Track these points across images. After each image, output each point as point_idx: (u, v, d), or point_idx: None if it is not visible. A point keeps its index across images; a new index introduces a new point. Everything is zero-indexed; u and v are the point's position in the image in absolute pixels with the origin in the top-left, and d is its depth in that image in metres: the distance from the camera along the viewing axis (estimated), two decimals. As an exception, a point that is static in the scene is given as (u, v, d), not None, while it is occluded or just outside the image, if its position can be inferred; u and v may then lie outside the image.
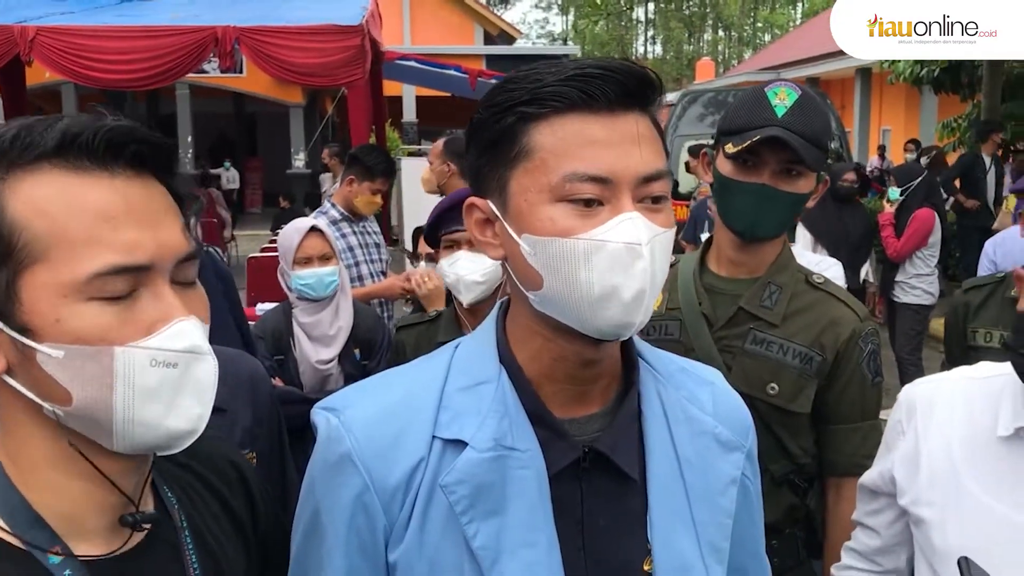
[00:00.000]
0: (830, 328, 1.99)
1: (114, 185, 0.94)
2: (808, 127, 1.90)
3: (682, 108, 12.08)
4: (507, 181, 1.06)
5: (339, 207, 4.56)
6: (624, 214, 1.02)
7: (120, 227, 0.93)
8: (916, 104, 18.48)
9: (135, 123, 0.98)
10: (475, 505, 1.07)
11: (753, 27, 54.80)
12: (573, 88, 1.02)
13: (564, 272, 1.03)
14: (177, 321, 0.95)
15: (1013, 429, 1.49)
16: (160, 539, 1.07)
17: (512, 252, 1.08)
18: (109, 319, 0.92)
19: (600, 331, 1.06)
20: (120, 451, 0.98)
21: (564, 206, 1.03)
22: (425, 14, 23.75)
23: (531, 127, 1.04)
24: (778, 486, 2.02)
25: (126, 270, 0.93)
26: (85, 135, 0.94)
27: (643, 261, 1.03)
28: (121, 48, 7.69)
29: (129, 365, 0.93)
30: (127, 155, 0.96)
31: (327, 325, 3.28)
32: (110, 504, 1.02)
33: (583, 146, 1.02)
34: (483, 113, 1.08)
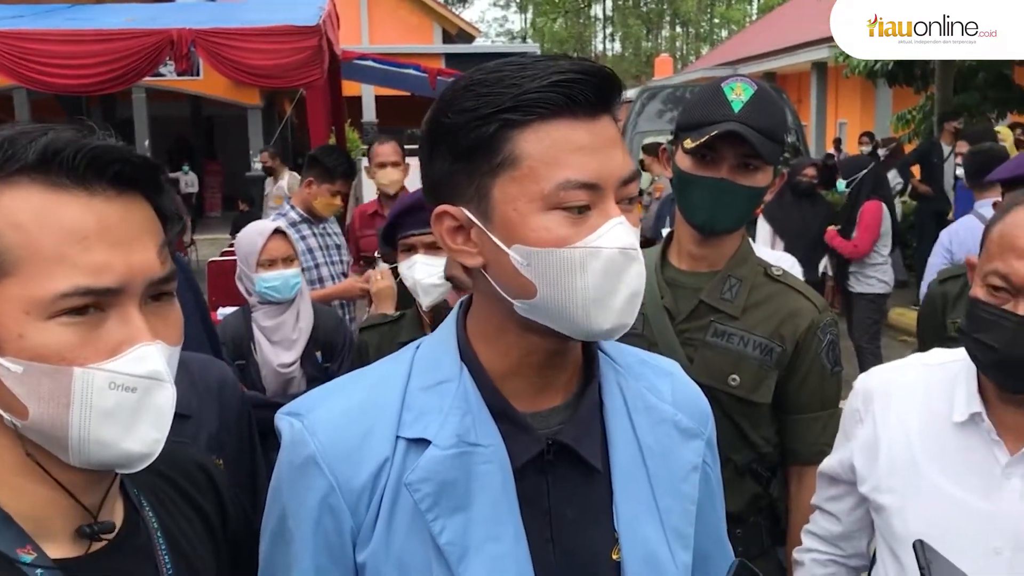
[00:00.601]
0: (789, 319, 2.02)
1: (91, 204, 0.94)
2: (764, 121, 1.93)
3: (641, 104, 12.12)
4: (489, 190, 1.05)
5: (298, 209, 4.54)
6: (613, 219, 1.03)
7: (91, 248, 0.92)
8: (871, 97, 18.72)
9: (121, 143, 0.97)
10: (440, 502, 1.07)
11: (710, 23, 55.21)
12: (557, 94, 1.01)
13: (561, 281, 1.03)
14: (140, 346, 0.95)
15: (967, 415, 1.52)
16: (133, 541, 1.07)
17: (497, 261, 1.07)
18: (71, 339, 0.92)
19: (592, 335, 1.07)
20: (77, 466, 0.98)
21: (557, 215, 1.02)
22: (383, 14, 23.64)
23: (515, 135, 1.02)
24: (741, 476, 2.05)
25: (92, 292, 0.92)
26: (67, 152, 0.93)
27: (638, 264, 1.05)
28: (74, 52, 7.56)
29: (87, 386, 0.93)
30: (109, 175, 0.95)
31: (289, 328, 3.26)
32: (74, 509, 1.02)
33: (571, 153, 1.02)
34: (455, 118, 1.04)
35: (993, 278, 1.42)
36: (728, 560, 1.36)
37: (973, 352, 1.48)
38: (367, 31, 23.17)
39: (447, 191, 1.09)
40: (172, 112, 19.48)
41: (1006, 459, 1.49)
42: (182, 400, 1.03)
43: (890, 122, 14.05)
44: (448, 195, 1.09)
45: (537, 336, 1.10)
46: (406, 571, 1.08)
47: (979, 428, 1.52)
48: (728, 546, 1.38)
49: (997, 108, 12.19)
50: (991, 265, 1.43)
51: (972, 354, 1.49)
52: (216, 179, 21.16)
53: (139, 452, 0.97)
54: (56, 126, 0.96)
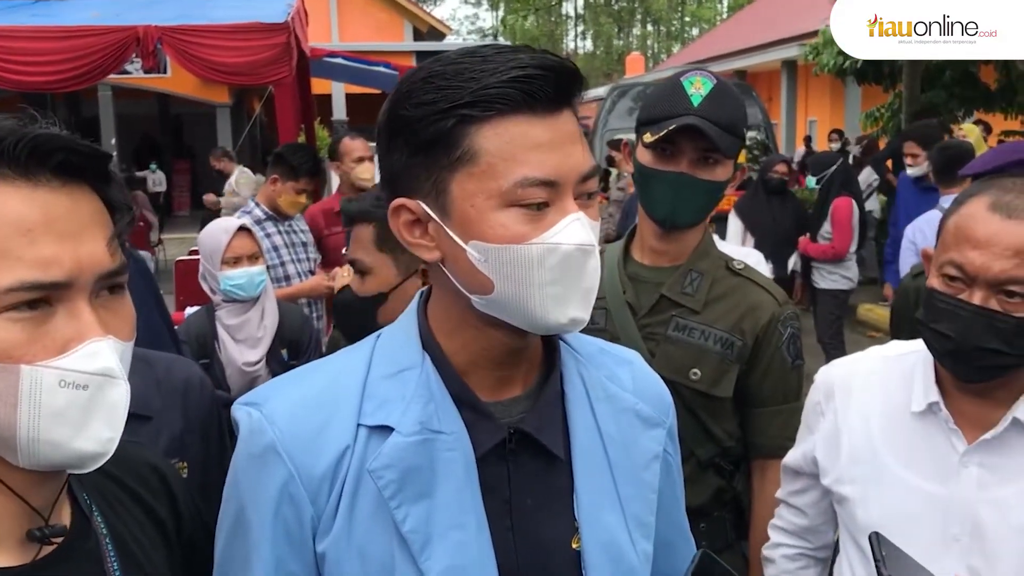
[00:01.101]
0: (750, 313, 2.03)
1: (35, 196, 0.91)
2: (723, 115, 1.93)
3: (611, 102, 12.17)
4: (447, 184, 1.04)
5: (263, 206, 4.50)
6: (571, 215, 1.03)
7: (37, 241, 0.89)
8: (840, 95, 18.88)
9: (63, 131, 0.94)
10: (403, 489, 1.07)
11: (681, 21, 55.43)
12: (516, 89, 1.00)
13: (518, 277, 1.03)
14: (91, 341, 0.92)
15: (925, 404, 1.54)
16: (79, 548, 1.04)
17: (454, 256, 1.07)
18: (18, 335, 0.89)
19: (549, 329, 1.08)
20: (26, 467, 0.95)
21: (515, 211, 1.02)
22: (353, 11, 23.53)
23: (473, 130, 1.02)
24: (704, 470, 2.05)
25: (39, 287, 0.89)
26: (7, 142, 0.90)
27: (594, 260, 1.05)
28: (38, 49, 7.46)
29: (36, 384, 0.90)
30: (53, 164, 0.92)
31: (254, 326, 3.23)
32: (21, 515, 0.99)
33: (530, 150, 1.02)
34: (411, 111, 1.03)
35: (949, 268, 1.43)
36: (691, 549, 1.37)
37: (930, 341, 1.49)
38: (337, 28, 23.05)
39: (404, 185, 1.08)
40: (139, 110, 19.29)
41: (963, 447, 1.51)
42: (144, 400, 1.00)
43: (859, 120, 14.17)
44: (406, 189, 1.08)
45: (496, 330, 1.10)
46: (368, 560, 1.07)
47: (937, 417, 1.53)
48: (690, 535, 1.39)
49: (963, 106, 12.32)
50: (947, 255, 1.44)
51: (929, 344, 1.50)
52: (184, 178, 20.95)
53: (92, 451, 0.95)
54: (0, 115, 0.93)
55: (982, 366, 1.43)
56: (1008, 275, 1.37)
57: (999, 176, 1.50)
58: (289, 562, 1.09)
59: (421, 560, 1.06)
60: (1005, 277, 1.37)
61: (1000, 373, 1.44)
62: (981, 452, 1.49)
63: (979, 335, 1.40)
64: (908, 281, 3.28)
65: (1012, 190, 1.42)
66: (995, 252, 1.38)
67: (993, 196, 1.42)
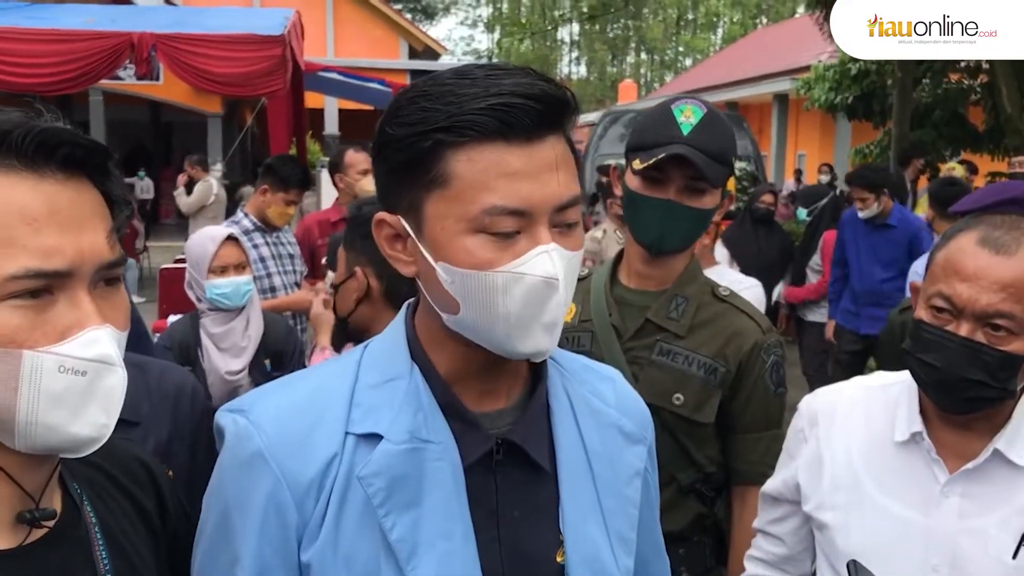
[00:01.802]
0: (733, 339, 2.03)
1: (40, 187, 0.93)
2: (712, 144, 1.94)
3: (603, 128, 12.21)
4: (422, 204, 1.05)
5: (252, 217, 4.50)
6: (541, 246, 1.03)
7: (41, 230, 0.92)
8: (831, 130, 19.04)
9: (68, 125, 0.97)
10: (392, 497, 1.07)
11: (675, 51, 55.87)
12: (491, 118, 1.00)
13: (482, 303, 1.04)
14: (91, 329, 0.94)
15: (909, 434, 1.56)
16: (69, 535, 1.05)
17: (427, 274, 1.08)
18: (20, 321, 0.91)
19: (514, 355, 1.09)
20: (21, 451, 0.96)
21: (482, 237, 1.02)
22: (350, 27, 23.63)
23: (447, 154, 1.02)
24: (685, 495, 2.05)
25: (42, 275, 0.92)
26: (16, 134, 0.92)
27: (559, 295, 1.04)
28: (31, 51, 7.48)
29: (36, 369, 0.92)
30: (58, 157, 0.95)
31: (238, 335, 3.22)
32: (11, 499, 1.00)
33: (501, 178, 1.01)
34: (395, 130, 1.05)
35: (937, 299, 1.45)
36: (665, 567, 1.38)
37: (916, 371, 1.51)
38: (333, 44, 23.13)
39: (388, 199, 1.11)
40: (130, 117, 19.26)
41: (945, 478, 1.52)
42: (132, 405, 1.02)
43: (848, 155, 14.30)
44: (389, 203, 1.11)
45: (472, 348, 1.11)
46: (353, 568, 1.07)
47: (920, 447, 1.55)
48: (665, 554, 1.39)
49: (951, 146, 12.47)
50: (935, 288, 1.46)
51: (915, 373, 1.52)
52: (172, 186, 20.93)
53: (87, 436, 0.97)
54: (2, 108, 0.95)
55: (967, 397, 1.44)
56: (995, 308, 1.39)
57: (988, 213, 1.53)
58: (274, 570, 1.08)
59: (408, 569, 1.06)
60: (992, 310, 1.40)
61: (984, 405, 1.46)
62: (962, 482, 1.51)
63: (965, 366, 1.42)
64: (895, 315, 3.31)
65: (1001, 226, 1.44)
66: (983, 286, 1.40)
67: (982, 232, 1.45)
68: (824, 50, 15.84)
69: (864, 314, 6.01)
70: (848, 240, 6.14)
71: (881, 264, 5.94)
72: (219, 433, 1.13)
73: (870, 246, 5.98)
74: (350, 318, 2.02)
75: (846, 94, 12.65)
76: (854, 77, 12.47)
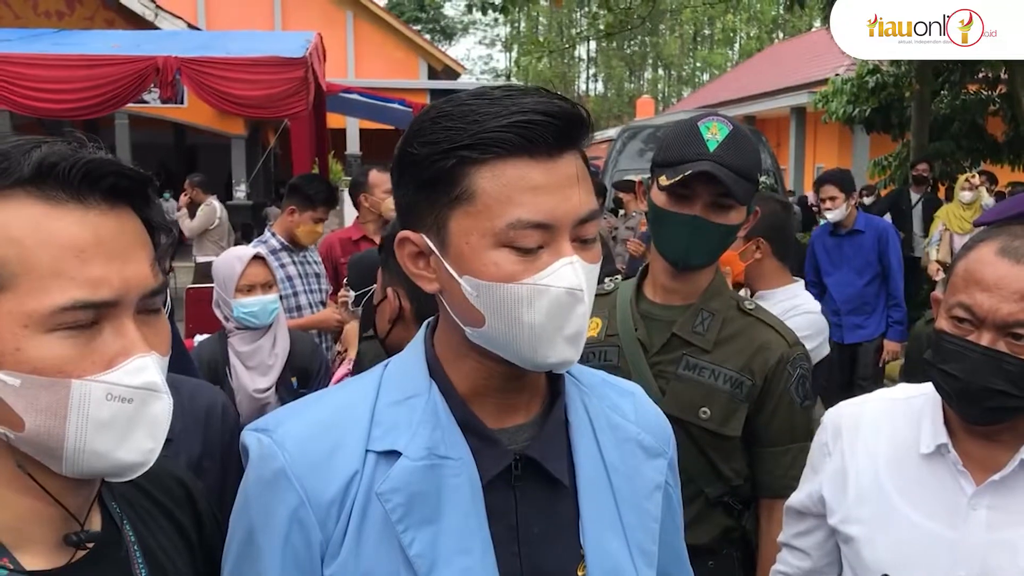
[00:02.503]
0: (759, 353, 2.05)
1: (86, 218, 0.94)
2: (738, 161, 1.96)
3: (622, 143, 12.23)
4: (446, 221, 1.08)
5: (279, 236, 4.54)
6: (564, 259, 1.05)
7: (88, 262, 0.93)
8: (848, 143, 18.94)
9: (112, 156, 0.98)
10: (411, 513, 1.08)
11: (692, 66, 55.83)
12: (514, 135, 1.03)
13: (507, 314, 1.06)
14: (137, 357, 0.96)
15: (934, 446, 1.55)
16: (108, 554, 1.07)
17: (451, 289, 1.10)
18: (69, 351, 0.93)
19: (539, 367, 1.10)
20: (68, 476, 0.98)
21: (507, 251, 1.05)
22: (370, 48, 23.78)
23: (472, 170, 1.05)
24: (713, 508, 2.06)
25: (91, 306, 0.93)
26: (62, 166, 0.93)
27: (583, 306, 1.07)
28: (59, 77, 7.57)
29: (85, 398, 0.93)
30: (103, 188, 0.96)
31: (266, 353, 3.26)
32: (56, 520, 1.02)
33: (525, 192, 1.04)
34: (418, 149, 1.07)
35: (958, 310, 1.46)
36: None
37: (939, 382, 1.51)
38: (353, 65, 23.29)
39: (410, 218, 1.13)
40: (155, 140, 19.43)
41: (972, 489, 1.51)
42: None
43: (867, 168, 14.23)
44: (411, 222, 1.12)
45: (493, 361, 1.13)
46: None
47: (945, 459, 1.54)
48: (689, 567, 1.40)
49: (971, 157, 12.39)
50: (956, 298, 1.47)
51: (938, 384, 1.52)
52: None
53: (133, 461, 0.98)
54: (47, 139, 0.97)
55: (990, 407, 1.44)
56: (1016, 318, 1.40)
57: (1009, 223, 1.53)
58: None
59: None
60: (1013, 320, 1.40)
61: (1008, 415, 1.46)
62: (990, 494, 1.50)
63: (987, 376, 1.42)
64: (921, 327, 3.29)
65: (1021, 236, 1.45)
66: (1003, 295, 1.41)
67: (1002, 242, 1.45)
68: (841, 63, 15.82)
69: (846, 324, 6.00)
70: (820, 255, 6.11)
71: (855, 271, 5.94)
72: (244, 452, 1.15)
73: (842, 255, 5.98)
74: (386, 339, 2.04)
75: (864, 106, 12.59)
76: (872, 90, 12.42)
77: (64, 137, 0.99)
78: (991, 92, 12.33)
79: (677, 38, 53.52)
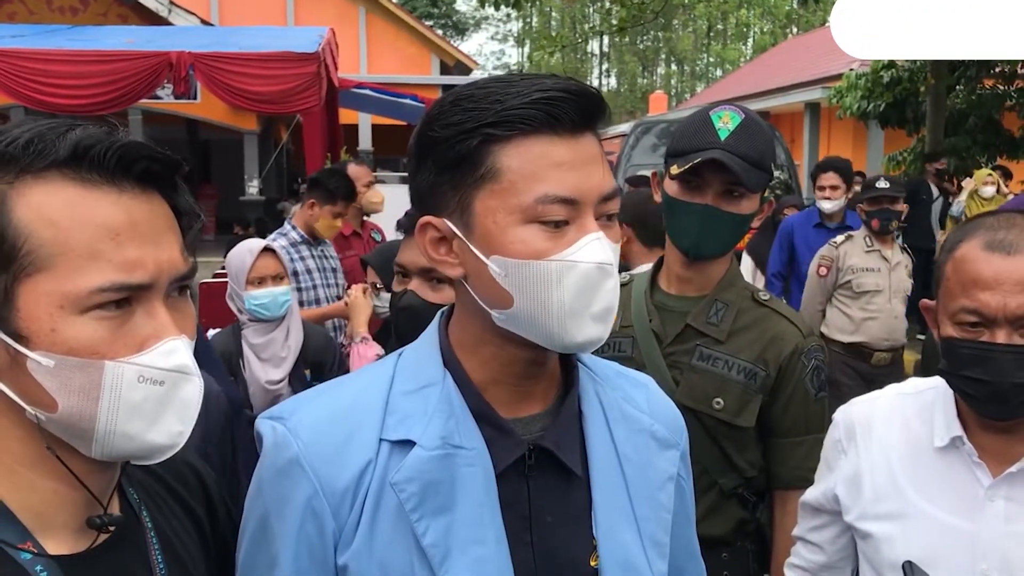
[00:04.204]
0: (773, 344, 2.04)
1: (121, 201, 0.95)
2: (750, 150, 1.95)
3: (635, 138, 12.18)
4: (471, 202, 1.07)
5: (299, 230, 4.57)
6: (591, 234, 1.06)
7: (124, 244, 0.94)
8: (863, 138, 18.86)
9: (144, 141, 0.99)
10: (424, 502, 1.09)
11: (705, 62, 55.68)
12: (539, 111, 1.04)
13: (537, 292, 1.06)
14: (168, 340, 0.97)
15: (948, 439, 1.54)
16: (127, 539, 1.07)
17: (476, 271, 1.10)
18: (103, 333, 0.93)
19: (567, 347, 1.10)
20: (96, 458, 0.98)
21: (535, 228, 1.05)
22: (382, 44, 23.79)
23: (496, 149, 1.05)
24: (727, 499, 2.06)
25: (125, 288, 0.94)
26: (98, 148, 0.94)
27: (612, 280, 1.07)
28: (74, 72, 7.61)
29: (117, 379, 0.94)
30: (136, 171, 0.97)
31: (279, 346, 3.27)
32: (79, 504, 1.02)
33: (551, 168, 1.05)
34: (440, 132, 1.07)
35: (963, 315, 1.43)
36: (701, 572, 1.39)
37: (962, 389, 1.48)
38: (366, 60, 23.31)
39: (431, 203, 1.12)
40: (168, 135, 19.44)
41: (988, 481, 1.50)
42: None
43: (882, 163, 14.18)
44: (432, 207, 1.12)
45: (515, 347, 1.12)
46: (388, 572, 1.09)
47: (960, 452, 1.54)
48: (700, 559, 1.40)
49: (986, 152, 12.33)
50: (958, 303, 1.44)
51: (962, 391, 1.49)
52: (210, 202, 21.13)
53: (162, 444, 0.99)
54: (79, 122, 0.97)
55: (1022, 402, 1.42)
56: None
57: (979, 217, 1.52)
58: (310, 574, 1.11)
59: (440, 574, 1.07)
60: (1023, 312, 1.39)
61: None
62: (1007, 485, 1.49)
63: (1014, 372, 1.39)
64: None
65: (1000, 228, 1.43)
66: (1007, 289, 1.39)
67: (984, 236, 1.43)
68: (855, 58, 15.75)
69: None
70: (800, 247, 5.83)
71: None
72: (258, 439, 1.15)
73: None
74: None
75: (878, 102, 12.55)
76: (887, 84, 12.37)
77: (96, 121, 1.00)
78: (1007, 87, 12.27)
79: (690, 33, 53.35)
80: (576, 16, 46.58)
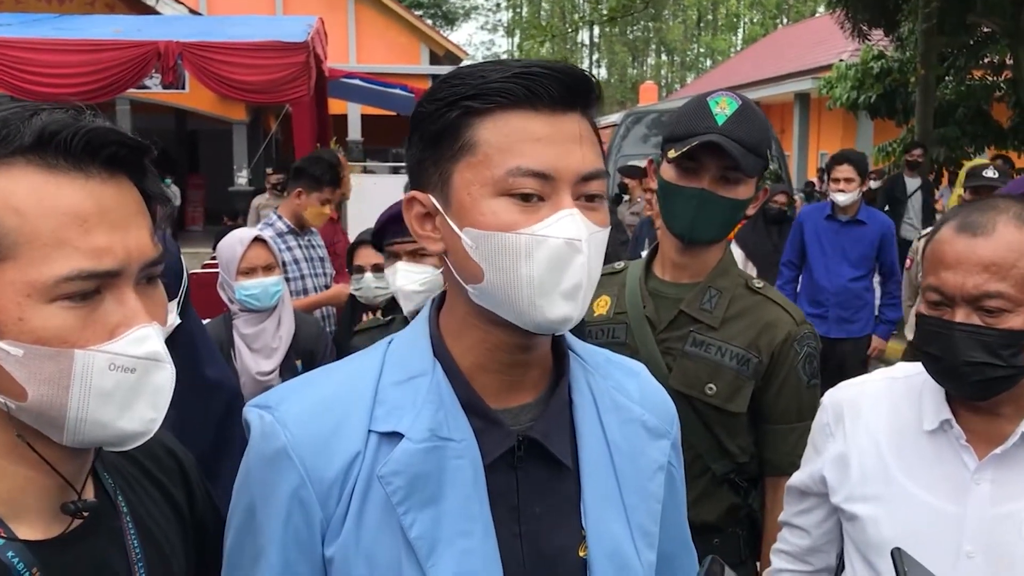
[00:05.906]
0: (766, 331, 2.05)
1: (88, 187, 0.93)
2: (747, 135, 1.96)
3: (625, 128, 12.20)
4: (450, 175, 1.08)
5: (285, 219, 4.54)
6: (564, 210, 1.05)
7: (91, 231, 0.92)
8: (853, 129, 18.93)
9: (112, 124, 0.97)
10: (411, 495, 1.08)
11: (696, 52, 55.70)
12: (518, 85, 1.04)
13: (505, 266, 1.05)
14: (139, 327, 0.96)
15: (937, 422, 1.56)
16: (102, 525, 1.07)
17: (453, 246, 1.10)
18: (72, 321, 0.92)
19: (538, 325, 1.08)
20: (68, 445, 0.98)
21: (506, 200, 1.05)
22: (371, 33, 23.69)
23: (475, 122, 1.06)
24: (719, 485, 2.07)
25: (94, 276, 0.93)
26: (64, 134, 0.92)
27: (582, 256, 1.05)
28: (60, 61, 7.54)
29: (87, 368, 0.93)
30: (104, 156, 0.95)
31: (270, 336, 3.26)
32: (52, 490, 1.02)
33: (526, 142, 1.05)
34: (426, 106, 1.09)
35: (930, 293, 1.48)
36: (692, 560, 1.38)
37: (925, 364, 1.53)
38: (355, 50, 23.20)
39: (418, 178, 1.13)
40: (156, 125, 19.34)
41: (975, 464, 1.52)
42: None
43: (871, 154, 14.23)
44: (419, 182, 1.13)
45: (499, 331, 1.11)
46: (375, 565, 1.08)
47: (948, 435, 1.55)
48: (692, 547, 1.39)
49: (975, 143, 12.38)
50: (927, 281, 1.49)
51: (926, 366, 1.54)
52: (198, 193, 21.07)
53: (134, 431, 0.98)
54: (44, 106, 0.95)
55: (977, 381, 1.45)
56: (981, 290, 1.42)
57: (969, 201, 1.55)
58: (297, 564, 1.10)
59: (427, 566, 1.07)
60: (980, 292, 1.42)
61: (1000, 387, 1.46)
62: (992, 468, 1.51)
63: (963, 350, 1.43)
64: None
65: (975, 210, 1.47)
66: (966, 269, 1.43)
67: (961, 218, 1.48)
68: (845, 49, 15.78)
69: (832, 316, 5.67)
70: (810, 239, 5.79)
71: (849, 263, 5.64)
72: (246, 426, 1.15)
73: (838, 244, 5.67)
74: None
75: (868, 92, 12.59)
76: (876, 75, 12.40)
77: (61, 106, 0.97)
78: (996, 78, 12.32)
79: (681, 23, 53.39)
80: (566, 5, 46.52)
